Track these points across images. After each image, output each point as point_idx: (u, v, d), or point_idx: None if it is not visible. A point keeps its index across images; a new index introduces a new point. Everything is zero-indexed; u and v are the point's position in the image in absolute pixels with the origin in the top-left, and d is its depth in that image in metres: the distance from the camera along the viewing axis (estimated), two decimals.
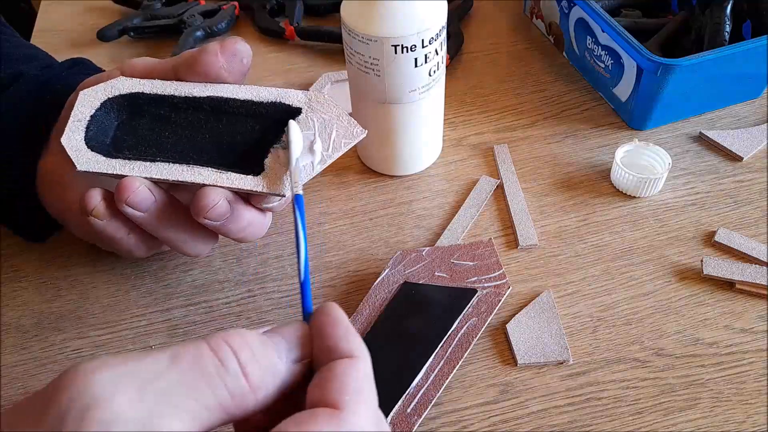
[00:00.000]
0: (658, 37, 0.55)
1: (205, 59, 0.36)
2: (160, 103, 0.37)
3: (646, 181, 0.45)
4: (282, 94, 0.36)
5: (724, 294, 0.41)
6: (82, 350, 0.40)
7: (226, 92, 0.36)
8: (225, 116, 0.36)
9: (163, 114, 0.37)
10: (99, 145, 0.36)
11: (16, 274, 0.44)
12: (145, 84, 0.36)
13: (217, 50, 0.36)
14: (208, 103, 0.36)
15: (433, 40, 0.41)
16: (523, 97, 0.56)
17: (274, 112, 0.36)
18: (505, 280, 0.40)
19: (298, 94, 0.36)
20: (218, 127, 0.37)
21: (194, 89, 0.36)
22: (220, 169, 0.35)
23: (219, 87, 0.36)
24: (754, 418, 0.35)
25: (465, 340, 0.37)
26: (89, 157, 0.35)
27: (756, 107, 0.54)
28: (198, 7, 0.65)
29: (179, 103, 0.36)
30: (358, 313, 0.39)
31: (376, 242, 0.45)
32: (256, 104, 0.36)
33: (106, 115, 0.36)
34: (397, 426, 0.34)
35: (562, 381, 0.37)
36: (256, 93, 0.36)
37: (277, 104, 0.36)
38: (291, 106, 0.36)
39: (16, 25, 0.56)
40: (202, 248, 0.40)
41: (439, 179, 0.49)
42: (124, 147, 0.36)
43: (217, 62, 0.36)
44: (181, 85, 0.36)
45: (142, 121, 0.37)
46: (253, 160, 0.35)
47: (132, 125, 0.37)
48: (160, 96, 0.36)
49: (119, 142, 0.36)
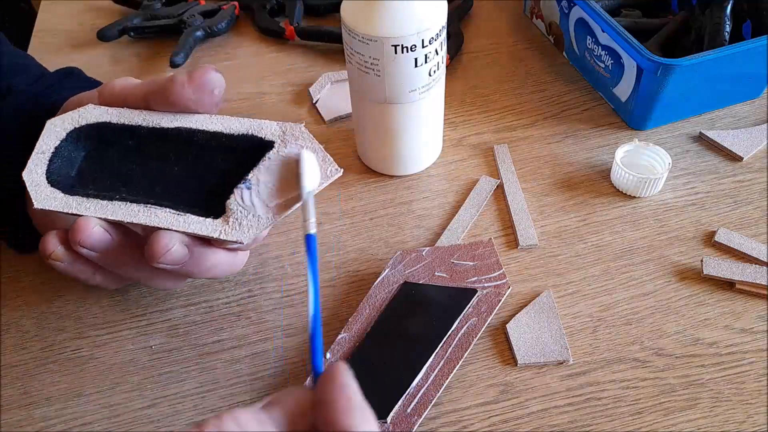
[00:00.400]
0: (658, 37, 0.55)
1: (172, 89, 0.34)
2: (127, 134, 0.35)
3: (646, 181, 0.45)
4: (255, 125, 0.34)
5: (724, 294, 0.41)
6: (81, 350, 0.40)
7: (195, 123, 0.35)
8: (194, 148, 0.35)
9: (131, 145, 0.35)
10: (62, 179, 0.34)
11: (16, 274, 0.44)
12: (112, 113, 0.35)
13: (185, 81, 0.34)
14: (175, 134, 0.35)
15: (433, 40, 0.41)
16: (523, 97, 0.56)
17: (245, 146, 0.34)
18: (505, 280, 0.40)
19: (272, 125, 0.34)
20: (187, 160, 0.35)
21: (162, 119, 0.35)
22: (179, 211, 0.33)
23: (188, 117, 0.35)
24: (754, 418, 0.35)
25: (465, 340, 0.37)
26: (48, 194, 0.34)
27: (756, 107, 0.54)
28: (198, 7, 0.65)
29: (146, 134, 0.35)
30: (358, 313, 0.39)
31: (376, 242, 0.45)
32: (227, 137, 0.34)
33: (72, 146, 0.35)
34: (397, 426, 0.34)
35: (562, 381, 0.37)
36: (227, 124, 0.35)
37: (248, 137, 0.34)
38: (263, 139, 0.34)
39: (16, 25, 0.56)
40: (171, 284, 0.38)
41: (439, 179, 0.49)
42: (89, 180, 0.35)
43: (185, 93, 0.34)
44: (150, 115, 0.35)
45: (110, 152, 0.35)
46: (217, 198, 0.34)
47: (99, 157, 0.36)
48: (128, 126, 0.35)
49: (85, 174, 0.35)
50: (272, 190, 0.33)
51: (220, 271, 0.36)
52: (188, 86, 0.34)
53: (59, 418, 0.37)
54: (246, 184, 0.33)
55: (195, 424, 0.21)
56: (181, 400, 0.37)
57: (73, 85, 0.43)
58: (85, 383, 0.38)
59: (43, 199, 0.34)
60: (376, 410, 0.34)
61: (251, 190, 0.33)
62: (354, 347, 0.38)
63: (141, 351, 0.40)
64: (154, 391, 0.38)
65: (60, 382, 0.38)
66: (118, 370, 0.39)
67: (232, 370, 0.38)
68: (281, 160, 0.33)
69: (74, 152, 0.35)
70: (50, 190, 0.34)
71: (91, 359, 0.39)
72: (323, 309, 0.41)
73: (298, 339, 0.40)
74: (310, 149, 0.33)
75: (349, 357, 0.37)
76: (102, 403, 0.37)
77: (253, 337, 0.40)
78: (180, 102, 0.34)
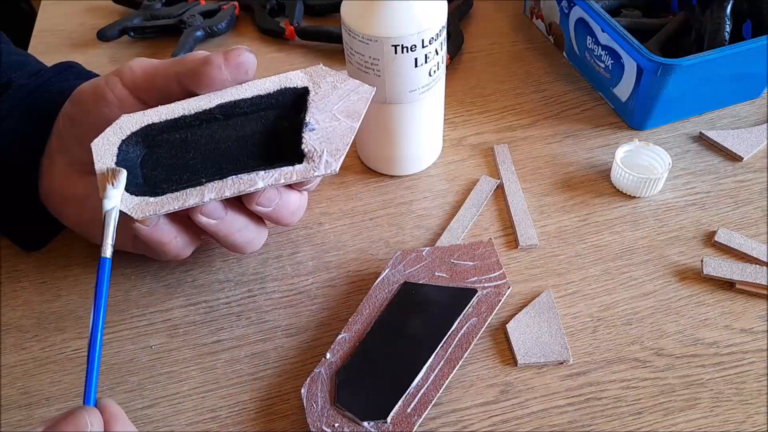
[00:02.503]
0: (658, 37, 0.55)
1: (209, 72, 0.35)
2: (173, 128, 0.36)
3: (646, 181, 0.45)
4: (284, 79, 0.36)
5: (724, 294, 0.41)
6: (82, 350, 0.40)
7: (233, 95, 0.36)
8: (239, 119, 0.36)
9: (179, 138, 0.36)
10: (137, 189, 0.35)
11: (16, 274, 0.44)
12: (151, 114, 0.35)
13: (221, 63, 0.34)
14: (219, 111, 0.36)
15: (433, 40, 0.41)
16: (523, 97, 0.56)
17: (283, 99, 0.36)
18: (505, 280, 0.40)
19: (298, 74, 0.36)
20: (236, 131, 0.36)
21: (201, 102, 0.35)
22: (266, 169, 0.35)
23: (223, 92, 0.36)
24: (754, 418, 0.35)
25: (465, 340, 0.37)
26: (138, 203, 0.34)
27: (756, 107, 0.54)
28: (198, 7, 0.65)
29: (191, 121, 0.36)
30: (358, 313, 0.39)
31: (376, 242, 0.45)
32: (265, 97, 0.36)
33: (126, 158, 0.35)
34: (397, 426, 0.34)
35: (562, 381, 0.37)
36: (260, 87, 0.36)
37: (283, 90, 0.36)
38: (297, 87, 0.36)
39: (16, 25, 0.56)
40: (252, 241, 0.38)
41: (439, 179, 0.49)
42: (159, 183, 0.35)
43: (221, 75, 0.35)
44: (187, 103, 0.35)
45: (163, 151, 0.36)
46: (285, 149, 0.36)
47: (155, 159, 0.36)
48: (173, 120, 0.35)
49: (151, 180, 0.36)
50: (332, 120, 0.35)
51: (297, 216, 0.38)
52: (225, 68, 0.34)
53: None
54: (309, 127, 0.35)
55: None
56: (181, 400, 0.37)
57: (73, 77, 0.42)
58: (85, 383, 0.38)
59: (138, 210, 0.34)
60: (376, 410, 0.34)
61: (315, 130, 0.35)
62: (354, 347, 0.38)
63: (141, 351, 0.40)
64: (154, 391, 0.38)
65: (60, 382, 0.38)
66: (118, 370, 0.39)
67: (232, 370, 0.38)
68: (323, 97, 0.36)
69: (131, 164, 0.35)
70: (139, 199, 0.34)
71: None
72: (323, 309, 0.41)
73: (298, 339, 0.40)
74: (338, 79, 0.36)
75: (349, 357, 0.37)
76: None
77: (253, 337, 0.40)
78: (215, 83, 0.35)
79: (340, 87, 0.36)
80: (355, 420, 0.34)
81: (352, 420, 0.34)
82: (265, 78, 0.36)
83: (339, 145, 0.35)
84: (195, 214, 0.35)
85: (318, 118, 0.36)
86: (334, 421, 0.34)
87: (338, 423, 0.34)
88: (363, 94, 0.36)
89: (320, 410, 0.35)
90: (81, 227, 0.41)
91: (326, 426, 0.34)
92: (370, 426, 0.34)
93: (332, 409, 0.35)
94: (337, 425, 0.34)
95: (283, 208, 0.36)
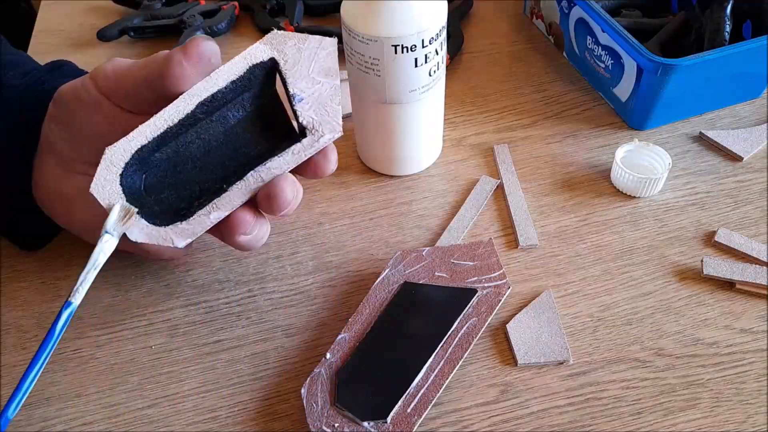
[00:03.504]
0: (658, 37, 0.55)
1: (172, 71, 0.33)
2: (162, 143, 0.34)
3: (646, 181, 0.45)
4: (248, 57, 0.34)
5: (724, 294, 0.41)
6: (82, 350, 0.40)
7: (207, 89, 0.34)
8: (220, 111, 0.35)
9: (171, 152, 0.35)
10: (159, 219, 0.34)
11: (16, 274, 0.44)
12: (137, 137, 0.33)
13: (181, 58, 0.33)
14: (200, 110, 0.34)
15: (433, 40, 0.41)
16: (523, 97, 0.56)
17: (255, 77, 0.35)
18: (505, 280, 0.40)
19: (259, 47, 0.34)
20: (222, 126, 0.35)
21: (180, 106, 0.34)
22: (278, 154, 0.34)
23: (197, 89, 0.34)
24: (754, 418, 0.35)
25: (465, 340, 0.37)
26: (173, 231, 0.34)
27: (756, 107, 0.54)
28: (198, 7, 0.65)
29: (177, 129, 0.34)
30: (358, 313, 0.39)
31: (376, 242, 0.45)
32: (238, 81, 0.34)
33: (130, 189, 0.34)
34: (397, 426, 0.34)
35: (562, 381, 0.37)
36: (229, 72, 0.34)
37: (252, 68, 0.34)
38: (264, 61, 0.34)
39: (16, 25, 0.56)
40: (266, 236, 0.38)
41: (439, 179, 0.49)
42: (173, 205, 0.35)
43: (185, 71, 0.33)
44: (167, 112, 0.34)
45: (159, 173, 0.35)
46: (276, 127, 0.35)
47: (156, 183, 0.35)
48: (160, 136, 0.34)
49: (165, 204, 0.35)
50: (314, 84, 0.35)
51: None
52: (186, 63, 0.33)
53: (59, 418, 0.37)
54: (297, 99, 0.35)
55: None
56: (181, 400, 0.37)
57: (63, 75, 0.42)
58: (85, 383, 0.38)
59: (178, 238, 0.34)
60: (376, 410, 0.34)
61: (303, 100, 0.35)
62: (354, 347, 0.38)
63: (141, 351, 0.40)
64: (154, 391, 0.38)
65: (60, 382, 0.38)
66: (118, 370, 0.39)
67: (232, 370, 0.38)
68: (294, 63, 0.35)
69: (137, 195, 0.34)
70: (170, 228, 0.34)
71: (91, 359, 0.39)
72: (323, 309, 0.41)
73: (298, 339, 0.40)
74: (299, 40, 0.35)
75: (349, 357, 0.37)
76: (102, 403, 0.37)
77: (253, 337, 0.40)
78: (182, 81, 0.33)
79: (304, 48, 0.35)
80: (355, 420, 0.34)
81: (352, 420, 0.34)
82: (229, 61, 0.34)
83: (332, 106, 0.35)
84: (234, 236, 0.35)
85: (300, 87, 0.35)
86: (334, 421, 0.34)
87: (338, 423, 0.34)
88: (328, 48, 0.35)
89: (320, 410, 0.35)
90: (72, 226, 0.40)
91: (326, 426, 0.34)
92: (370, 426, 0.34)
93: (332, 409, 0.35)
94: (337, 425, 0.34)
95: (299, 199, 0.36)
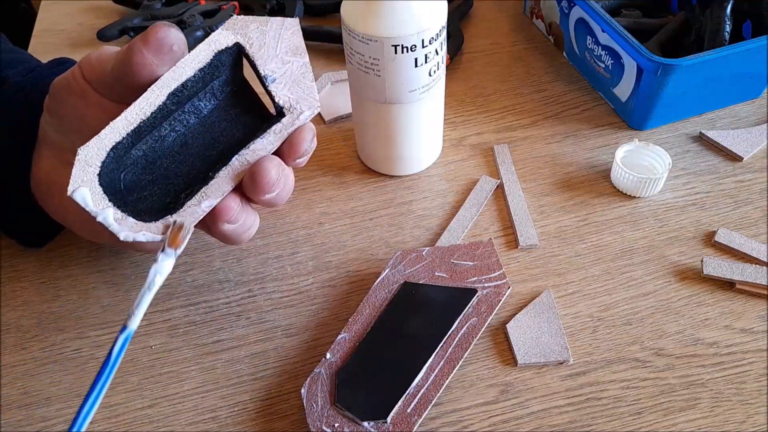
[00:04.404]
0: (658, 37, 0.55)
1: (133, 60, 0.32)
2: (138, 138, 0.34)
3: (646, 181, 0.45)
4: (212, 44, 0.34)
5: (724, 294, 0.41)
6: (82, 350, 0.40)
7: (176, 78, 0.33)
8: (192, 102, 0.35)
9: (147, 147, 0.34)
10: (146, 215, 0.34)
11: (16, 274, 0.44)
12: (110, 133, 0.33)
13: (141, 47, 0.32)
14: (171, 101, 0.34)
15: (433, 40, 0.41)
16: (523, 97, 0.56)
17: (222, 64, 0.34)
18: (505, 280, 0.40)
19: (222, 33, 0.34)
20: (196, 116, 0.35)
21: (151, 98, 0.33)
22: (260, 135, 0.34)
23: (166, 78, 0.33)
24: (754, 418, 0.35)
25: (465, 340, 0.37)
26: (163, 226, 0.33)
27: (756, 107, 0.54)
28: (198, 7, 0.65)
29: (152, 122, 0.34)
30: (358, 313, 0.39)
31: (376, 242, 0.45)
32: (206, 69, 0.34)
33: (113, 192, 0.33)
34: (397, 426, 0.34)
35: (562, 381, 0.37)
36: (196, 59, 0.34)
37: (218, 55, 0.34)
38: (229, 46, 0.34)
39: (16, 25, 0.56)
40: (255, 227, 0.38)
41: (439, 179, 0.49)
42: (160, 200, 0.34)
43: (145, 59, 0.32)
44: (137, 106, 0.33)
45: (138, 170, 0.34)
46: (252, 112, 0.36)
47: (136, 180, 0.34)
48: (134, 131, 0.33)
49: (149, 201, 0.34)
50: (284, 64, 0.35)
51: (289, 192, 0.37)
52: (146, 51, 0.32)
53: (59, 418, 0.37)
54: (269, 80, 0.35)
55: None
56: (181, 400, 0.37)
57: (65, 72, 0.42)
58: (85, 383, 0.38)
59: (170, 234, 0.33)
60: (376, 410, 0.34)
61: (276, 81, 0.35)
62: (354, 347, 0.38)
63: (141, 351, 0.40)
64: (154, 391, 0.38)
65: (60, 382, 0.38)
66: (118, 370, 0.39)
67: (232, 370, 0.38)
68: (261, 46, 0.35)
69: (118, 192, 0.34)
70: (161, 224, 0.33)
71: (91, 359, 0.39)
72: (323, 309, 0.41)
73: (298, 339, 0.40)
74: (261, 23, 0.35)
75: (349, 357, 0.37)
76: (102, 403, 0.37)
77: (253, 337, 0.40)
78: (145, 71, 0.32)
79: (268, 30, 0.34)
80: (355, 420, 0.34)
81: (352, 420, 0.34)
82: (195, 49, 0.34)
83: (306, 83, 0.35)
84: (219, 224, 0.34)
85: (271, 68, 0.35)
86: (334, 421, 0.34)
87: (338, 423, 0.34)
88: (291, 27, 0.35)
89: (320, 410, 0.35)
90: (66, 220, 0.40)
91: (326, 426, 0.34)
92: (370, 426, 0.34)
93: (332, 409, 0.35)
94: (337, 425, 0.34)
95: (287, 185, 0.35)
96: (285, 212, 0.47)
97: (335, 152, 0.52)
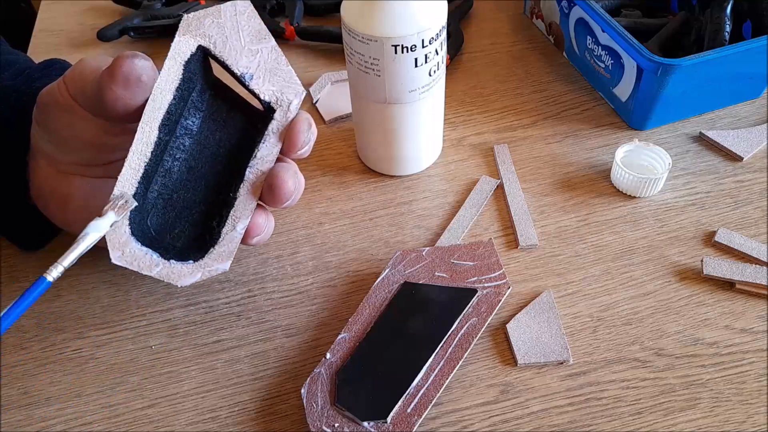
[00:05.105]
0: (658, 37, 0.55)
1: (106, 98, 0.31)
2: (148, 181, 0.34)
3: (646, 181, 0.45)
4: (178, 57, 0.33)
5: (724, 294, 0.41)
6: (82, 350, 0.40)
7: (159, 105, 0.33)
8: (179, 124, 0.35)
9: (158, 188, 0.34)
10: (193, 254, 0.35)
11: (16, 274, 0.44)
12: (124, 183, 0.33)
13: (110, 84, 0.31)
14: (163, 133, 0.33)
15: (433, 40, 0.41)
16: (523, 97, 0.56)
17: (193, 73, 0.34)
18: (505, 280, 0.40)
19: (181, 41, 0.33)
20: (189, 138, 0.35)
21: (144, 135, 0.33)
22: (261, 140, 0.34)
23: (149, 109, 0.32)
24: (754, 418, 0.35)
25: (465, 340, 0.37)
26: (214, 259, 0.35)
27: (756, 107, 0.54)
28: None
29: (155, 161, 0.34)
30: (358, 313, 0.39)
31: (376, 242, 0.45)
32: (182, 86, 0.33)
33: (139, 233, 0.34)
34: (397, 426, 0.34)
35: (562, 381, 0.37)
36: (168, 79, 0.33)
37: (186, 67, 0.33)
38: (193, 52, 0.33)
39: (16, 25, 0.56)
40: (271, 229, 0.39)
41: (439, 179, 0.49)
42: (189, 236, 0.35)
43: (116, 95, 0.31)
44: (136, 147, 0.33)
45: (158, 212, 0.35)
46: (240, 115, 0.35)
47: (162, 223, 0.35)
48: (143, 176, 0.33)
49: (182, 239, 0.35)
50: (254, 54, 0.34)
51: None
52: (115, 88, 0.31)
53: (59, 418, 0.37)
54: (247, 77, 0.34)
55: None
56: (181, 400, 0.37)
57: (56, 74, 0.41)
58: (85, 383, 0.38)
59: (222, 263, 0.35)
60: (376, 410, 0.34)
61: (254, 76, 0.34)
62: (354, 347, 0.38)
63: (141, 351, 0.40)
64: (154, 391, 0.38)
65: (60, 382, 0.38)
66: (118, 370, 0.39)
67: (232, 370, 0.38)
68: (223, 41, 0.34)
69: (152, 239, 0.34)
70: (211, 258, 0.35)
71: (91, 359, 0.39)
72: (323, 309, 0.41)
73: (298, 339, 0.40)
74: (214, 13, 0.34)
75: (349, 357, 0.37)
76: (102, 403, 0.37)
77: (253, 337, 0.40)
78: (118, 104, 0.32)
79: (223, 21, 0.33)
80: (355, 420, 0.34)
81: (352, 420, 0.34)
82: (164, 68, 0.33)
83: (282, 69, 0.34)
84: (250, 239, 0.36)
85: (244, 64, 0.34)
86: (334, 421, 0.34)
87: (338, 423, 0.34)
88: (244, 10, 0.34)
89: (320, 410, 0.35)
90: (68, 225, 0.40)
91: (326, 426, 0.34)
92: (370, 426, 0.34)
93: (332, 409, 0.35)
94: (337, 425, 0.34)
95: (300, 188, 0.36)
96: (285, 212, 0.47)
97: (335, 152, 0.52)
